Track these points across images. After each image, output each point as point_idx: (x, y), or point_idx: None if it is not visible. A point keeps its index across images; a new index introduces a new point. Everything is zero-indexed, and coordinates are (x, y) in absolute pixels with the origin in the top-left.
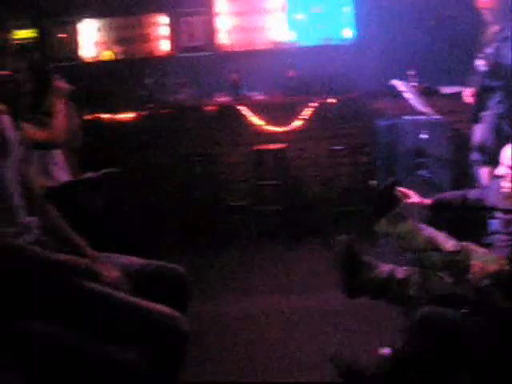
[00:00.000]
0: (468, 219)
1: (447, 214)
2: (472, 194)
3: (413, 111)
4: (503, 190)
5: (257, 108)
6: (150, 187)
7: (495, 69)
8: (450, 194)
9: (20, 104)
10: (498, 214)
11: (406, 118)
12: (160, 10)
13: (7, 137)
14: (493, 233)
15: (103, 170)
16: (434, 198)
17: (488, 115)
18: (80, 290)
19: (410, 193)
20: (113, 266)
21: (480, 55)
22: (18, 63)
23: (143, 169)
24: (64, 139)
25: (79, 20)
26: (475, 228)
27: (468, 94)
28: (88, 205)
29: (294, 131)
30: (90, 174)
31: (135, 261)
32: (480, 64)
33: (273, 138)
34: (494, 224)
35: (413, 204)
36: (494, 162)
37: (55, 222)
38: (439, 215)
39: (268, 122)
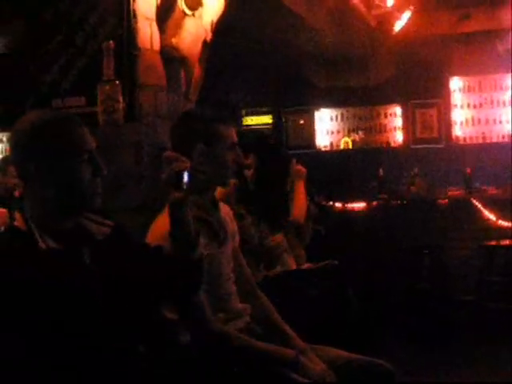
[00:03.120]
0: None
1: None
2: None
3: None
4: None
5: (490, 202)
6: (375, 279)
7: None
8: None
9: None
10: None
11: None
12: (395, 100)
13: (225, 225)
14: None
15: (324, 262)
16: None
17: None
18: (282, 381)
19: None
20: (319, 358)
21: None
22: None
23: (369, 259)
24: (304, 220)
25: (316, 109)
26: None
27: None
28: (304, 295)
29: None
30: (310, 265)
31: (344, 354)
32: None
33: (505, 233)
34: None
35: None
36: None
37: (266, 311)
38: None
39: (501, 217)
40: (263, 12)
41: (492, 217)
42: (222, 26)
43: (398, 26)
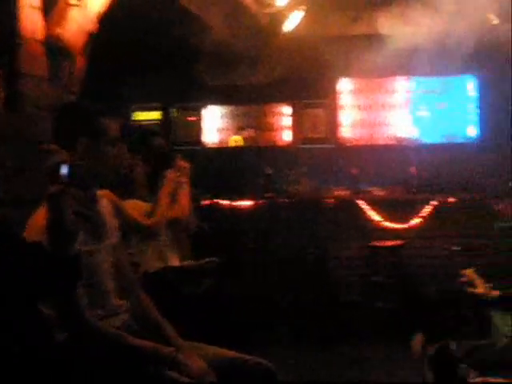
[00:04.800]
0: None
1: None
2: None
3: None
4: None
5: (375, 203)
6: (260, 277)
7: None
8: None
9: (134, 187)
10: None
11: None
12: (284, 100)
13: (105, 221)
14: None
15: (206, 259)
16: (503, 292)
17: None
18: (159, 379)
19: (478, 281)
20: (199, 356)
21: None
22: (137, 146)
23: (255, 257)
24: (188, 216)
25: (205, 106)
26: None
27: None
28: (183, 293)
29: (411, 229)
30: (191, 262)
31: (225, 353)
32: None
33: (390, 234)
34: None
35: (477, 293)
36: None
37: (145, 308)
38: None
39: (386, 218)
40: (154, 6)
41: (377, 217)
42: (110, 19)
43: (289, 25)
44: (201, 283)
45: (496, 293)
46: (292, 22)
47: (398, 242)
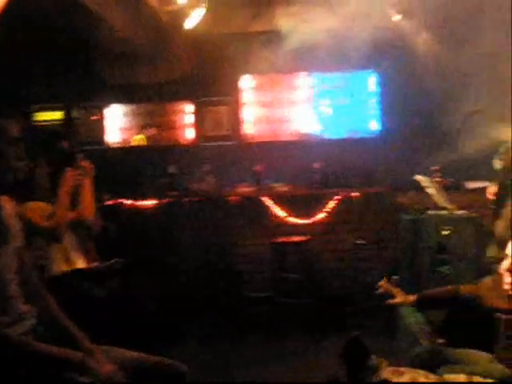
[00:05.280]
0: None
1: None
2: (467, 289)
3: (436, 206)
4: (505, 286)
5: (280, 199)
6: (167, 276)
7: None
8: (440, 290)
9: (35, 189)
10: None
11: (430, 212)
12: (186, 97)
13: (7, 224)
14: None
15: (112, 260)
16: (418, 295)
17: (508, 212)
18: None
19: (395, 291)
20: (109, 359)
21: (497, 154)
22: (39, 147)
23: (161, 257)
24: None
25: (107, 105)
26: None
27: (491, 191)
28: (91, 295)
29: (317, 224)
30: (97, 264)
31: (134, 355)
32: (496, 162)
33: (296, 230)
34: None
35: (396, 303)
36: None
37: (52, 312)
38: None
39: (291, 214)
40: (54, 3)
41: (282, 214)
42: (8, 17)
43: (191, 22)
44: (108, 285)
45: (413, 298)
46: (193, 19)
47: (304, 238)
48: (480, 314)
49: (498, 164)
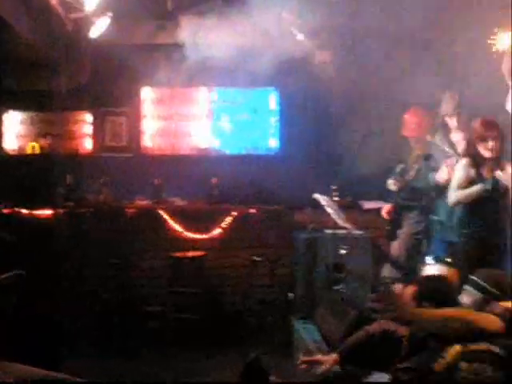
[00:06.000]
0: None
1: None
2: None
3: (334, 225)
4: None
5: (177, 213)
6: (62, 289)
7: (407, 190)
8: (354, 339)
9: None
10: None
11: (327, 231)
12: (85, 107)
13: None
14: None
15: (5, 274)
16: (338, 353)
17: (403, 233)
18: None
19: (315, 359)
20: (6, 375)
21: (392, 175)
22: None
23: (56, 270)
24: None
25: (5, 111)
26: None
27: (386, 211)
28: None
29: (214, 239)
30: None
31: (33, 371)
32: (391, 183)
33: (192, 245)
34: None
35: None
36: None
37: None
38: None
39: (188, 229)
40: None
41: (179, 228)
42: None
43: (95, 31)
44: (5, 299)
45: (335, 357)
46: (98, 28)
47: (200, 253)
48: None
49: (392, 185)
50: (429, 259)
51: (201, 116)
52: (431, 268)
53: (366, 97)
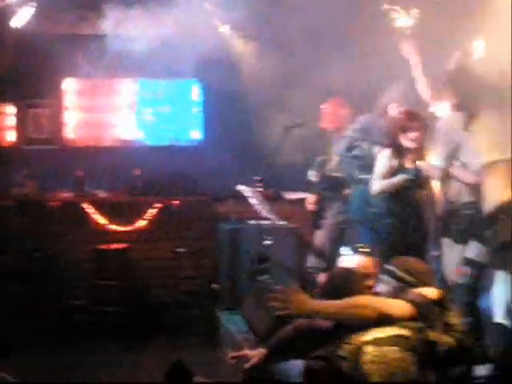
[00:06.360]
0: None
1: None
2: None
3: (258, 216)
4: None
5: (101, 206)
6: None
7: (327, 181)
8: (281, 334)
9: None
10: None
11: (251, 222)
12: (7, 99)
13: None
14: None
15: None
16: (268, 346)
17: (327, 223)
18: None
19: (243, 354)
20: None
21: (313, 166)
22: None
23: None
24: None
25: None
26: None
27: (310, 202)
28: None
29: (138, 231)
30: None
31: None
32: (312, 174)
33: (116, 237)
34: None
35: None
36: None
37: None
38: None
39: (112, 221)
40: None
41: (102, 220)
42: None
43: (18, 21)
44: None
45: (263, 352)
46: (21, 17)
47: (124, 245)
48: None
49: (313, 176)
50: (344, 250)
51: (124, 107)
52: (347, 258)
53: (290, 87)
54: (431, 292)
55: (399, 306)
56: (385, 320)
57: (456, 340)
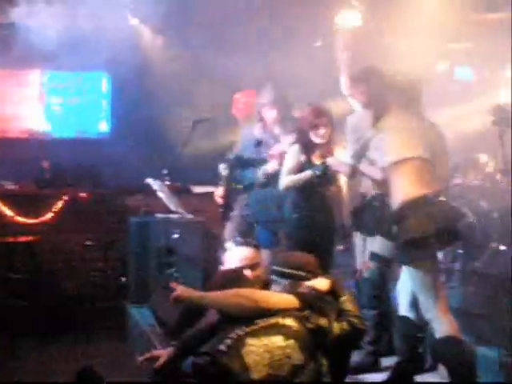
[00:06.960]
0: None
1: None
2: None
3: (166, 209)
4: None
5: (7, 198)
6: None
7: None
8: (193, 332)
9: None
10: None
11: (159, 215)
12: None
13: None
14: None
15: None
16: (177, 345)
17: (235, 216)
18: None
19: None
20: None
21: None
22: None
23: None
24: None
25: None
26: None
27: (218, 195)
28: None
29: (45, 224)
30: None
31: None
32: (222, 167)
33: (24, 229)
34: None
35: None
36: None
37: None
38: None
39: (19, 213)
40: None
41: (9, 212)
42: None
43: None
44: None
45: (171, 350)
46: None
47: (32, 238)
48: None
49: (223, 169)
50: (228, 244)
51: (32, 99)
52: (232, 252)
53: (199, 81)
54: (322, 282)
55: (280, 297)
56: (265, 311)
57: (349, 324)
